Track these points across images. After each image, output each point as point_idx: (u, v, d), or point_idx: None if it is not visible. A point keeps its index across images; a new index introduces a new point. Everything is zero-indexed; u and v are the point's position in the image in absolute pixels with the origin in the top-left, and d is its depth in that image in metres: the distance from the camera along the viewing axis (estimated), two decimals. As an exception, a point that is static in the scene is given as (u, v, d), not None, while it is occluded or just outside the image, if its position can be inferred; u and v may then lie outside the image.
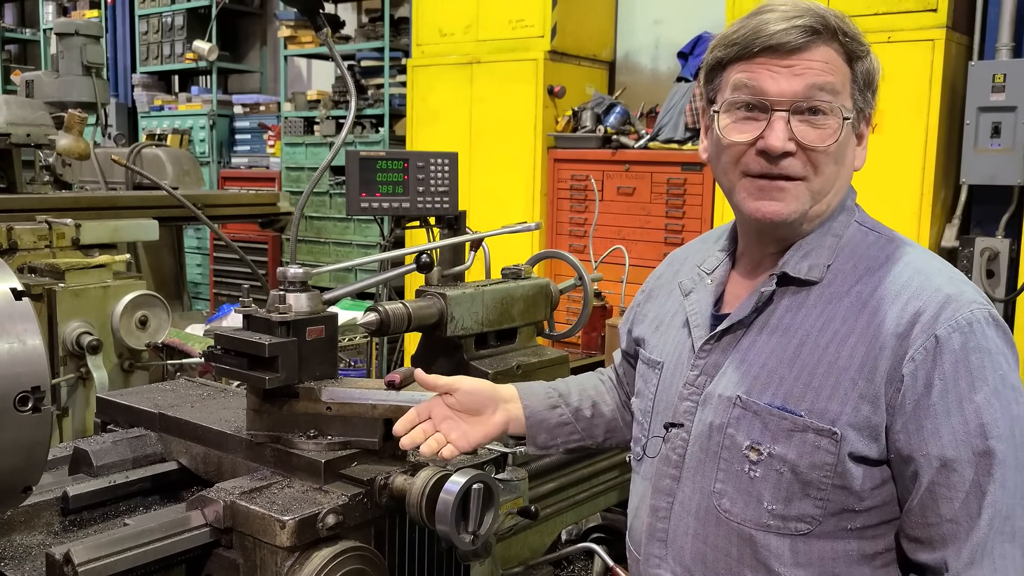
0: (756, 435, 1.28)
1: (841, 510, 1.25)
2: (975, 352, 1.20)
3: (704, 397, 1.36)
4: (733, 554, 1.31)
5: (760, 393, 1.29)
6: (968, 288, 1.27)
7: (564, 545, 2.43)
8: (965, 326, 1.21)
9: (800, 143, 1.27)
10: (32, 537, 1.48)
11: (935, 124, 4.18)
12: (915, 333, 1.21)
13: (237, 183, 7.64)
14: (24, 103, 4.23)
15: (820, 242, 1.34)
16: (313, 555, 1.36)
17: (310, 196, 6.92)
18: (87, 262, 2.91)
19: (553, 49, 5.49)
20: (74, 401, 2.84)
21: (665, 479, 1.40)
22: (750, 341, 1.34)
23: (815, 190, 1.30)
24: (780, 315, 1.32)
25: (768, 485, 1.27)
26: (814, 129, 1.27)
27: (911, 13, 4.24)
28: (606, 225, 5.13)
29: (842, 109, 1.28)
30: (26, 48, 11.11)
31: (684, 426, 1.38)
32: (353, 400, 1.56)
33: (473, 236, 2.49)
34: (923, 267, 1.29)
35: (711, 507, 1.33)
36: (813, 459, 1.24)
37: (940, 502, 1.20)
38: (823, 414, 1.24)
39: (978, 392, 1.19)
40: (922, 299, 1.24)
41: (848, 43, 1.28)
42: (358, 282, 2.14)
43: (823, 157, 1.28)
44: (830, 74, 1.27)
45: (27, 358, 1.34)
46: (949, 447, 1.19)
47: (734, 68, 1.31)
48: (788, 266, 1.33)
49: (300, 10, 2.72)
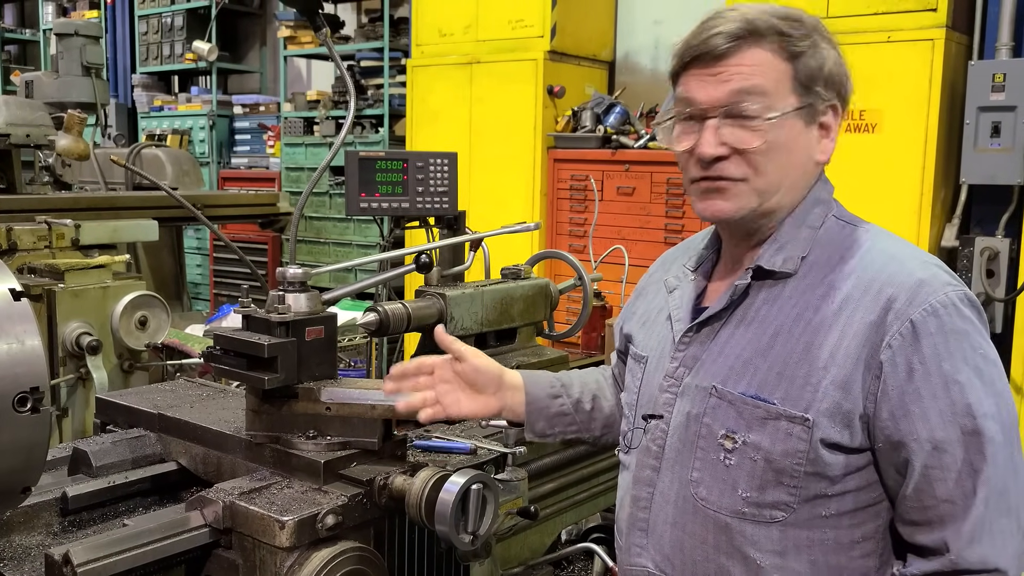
0: (731, 424, 1.32)
1: (814, 496, 1.27)
2: (953, 334, 1.23)
3: (683, 388, 1.40)
4: (710, 542, 1.33)
5: (735, 383, 1.33)
6: (940, 271, 1.29)
7: (564, 545, 2.43)
8: (940, 309, 1.23)
9: (732, 146, 1.31)
10: (31, 538, 1.48)
11: (935, 124, 4.18)
12: (890, 319, 1.24)
13: (237, 183, 7.64)
14: (24, 103, 4.23)
15: (795, 235, 1.36)
16: (312, 555, 1.36)
17: (310, 196, 6.93)
18: (87, 263, 2.91)
19: (553, 49, 5.49)
20: (74, 402, 2.84)
21: (646, 470, 1.43)
22: (728, 333, 1.37)
23: (759, 188, 1.33)
24: (758, 308, 1.36)
25: (743, 473, 1.30)
26: (744, 131, 1.31)
27: (911, 13, 4.24)
28: (606, 225, 5.13)
29: (772, 109, 1.30)
30: (26, 48, 11.12)
31: (664, 417, 1.42)
32: (352, 400, 1.55)
33: (472, 236, 2.49)
34: (896, 253, 1.31)
35: (688, 496, 1.36)
36: (786, 446, 1.27)
37: (935, 484, 1.22)
38: (796, 402, 1.27)
39: (960, 372, 1.22)
40: (895, 285, 1.26)
41: (785, 41, 1.31)
42: (358, 282, 2.14)
43: (758, 157, 1.32)
44: (758, 76, 1.30)
45: (26, 359, 1.34)
46: (939, 428, 1.21)
47: (679, 80, 1.38)
48: (763, 259, 1.36)
49: (299, 10, 2.72)
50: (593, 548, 2.25)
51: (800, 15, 1.34)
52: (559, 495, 2.20)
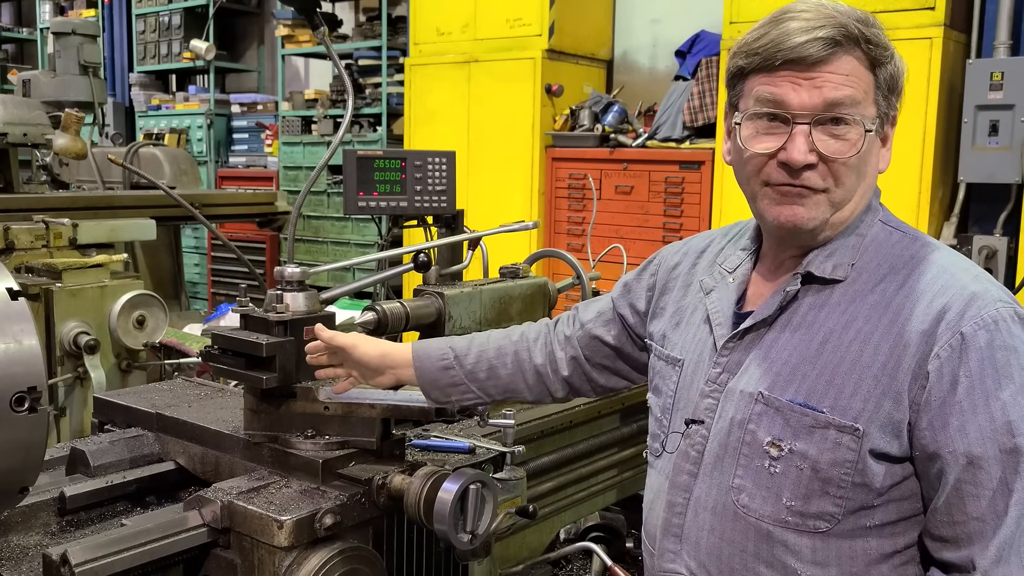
0: (777, 431, 1.29)
1: (859, 507, 1.25)
2: (1001, 350, 1.20)
3: (726, 393, 1.36)
4: (749, 549, 1.31)
5: (783, 389, 1.29)
6: (993, 287, 1.26)
7: (563, 544, 2.43)
8: (991, 323, 1.21)
9: (821, 155, 1.27)
10: (29, 538, 1.48)
11: (933, 122, 4.18)
12: (940, 330, 1.22)
13: (235, 182, 7.63)
14: (21, 103, 4.22)
15: (844, 241, 1.34)
16: (311, 555, 1.36)
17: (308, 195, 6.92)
18: (84, 262, 2.91)
19: (551, 48, 5.49)
20: (72, 401, 2.83)
21: (683, 475, 1.40)
22: (773, 338, 1.34)
23: (836, 201, 1.30)
24: (804, 313, 1.33)
25: (788, 481, 1.27)
26: (836, 141, 1.27)
27: (909, 11, 4.24)
28: (604, 224, 5.13)
29: (863, 120, 1.27)
30: (23, 47, 11.10)
31: (704, 423, 1.38)
32: (351, 400, 1.55)
33: (471, 235, 2.48)
34: (948, 265, 1.29)
35: (729, 503, 1.33)
36: (834, 456, 1.24)
37: (967, 500, 1.20)
38: (845, 411, 1.24)
39: (1004, 389, 1.19)
40: (947, 296, 1.24)
41: (871, 50, 1.28)
42: (356, 281, 2.13)
43: (844, 168, 1.28)
44: (851, 86, 1.27)
45: (23, 358, 1.34)
46: (976, 444, 1.19)
47: (756, 78, 1.31)
48: (813, 265, 1.33)
49: (297, 9, 2.71)
50: (592, 547, 2.25)
51: (875, 20, 1.30)
52: (558, 494, 2.20)
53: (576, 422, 2.23)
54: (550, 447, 2.17)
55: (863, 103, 1.28)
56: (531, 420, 2.09)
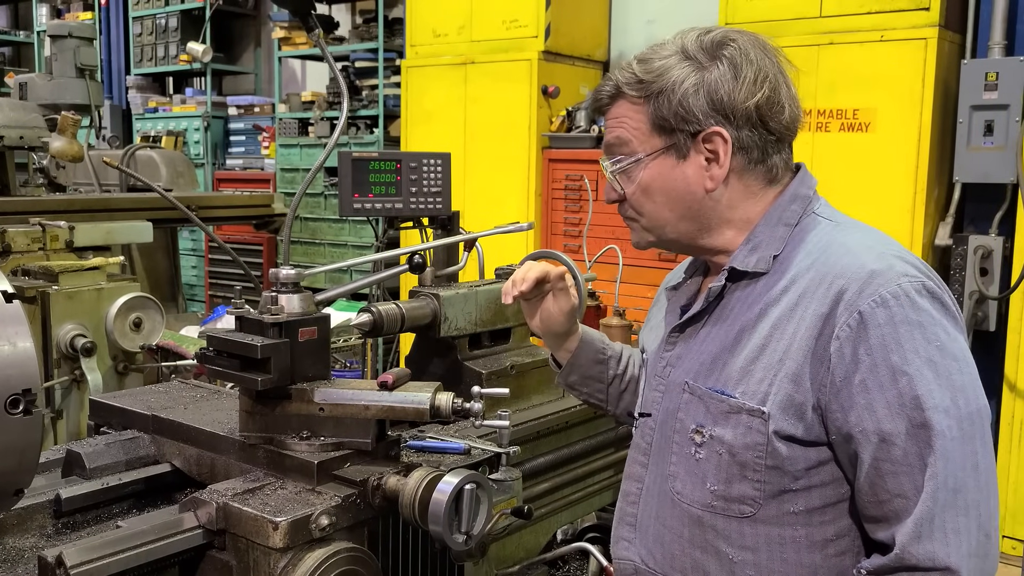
0: (700, 418, 1.35)
1: (779, 491, 1.29)
2: (904, 324, 1.21)
3: (668, 386, 1.44)
4: (685, 535, 1.37)
5: (705, 378, 1.37)
6: (898, 262, 1.27)
7: (559, 545, 2.43)
8: (891, 299, 1.22)
9: (617, 192, 1.44)
10: (24, 540, 1.48)
11: (928, 123, 4.19)
12: (839, 311, 1.24)
13: (231, 185, 7.62)
14: (17, 105, 4.22)
15: (771, 234, 1.38)
16: (306, 556, 1.36)
17: (305, 197, 6.92)
18: (81, 264, 2.91)
19: (547, 49, 5.49)
20: (68, 403, 2.83)
21: (635, 465, 1.49)
22: (705, 332, 1.42)
23: (647, 226, 1.45)
24: (732, 306, 1.39)
25: (711, 467, 1.33)
26: (619, 178, 1.43)
27: (904, 12, 4.25)
28: (600, 225, 5.12)
29: (634, 156, 1.39)
30: (19, 50, 11.09)
31: (652, 415, 1.46)
32: (346, 401, 1.56)
33: (466, 236, 2.49)
34: (853, 246, 1.31)
35: (667, 490, 1.40)
36: (747, 440, 1.29)
37: (886, 477, 1.21)
38: (754, 395, 1.29)
39: (910, 364, 1.20)
40: (846, 277, 1.26)
41: (640, 88, 1.38)
42: (352, 283, 2.14)
43: (634, 200, 1.43)
44: (619, 127, 1.41)
45: (18, 360, 1.34)
46: (885, 420, 1.20)
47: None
48: (736, 260, 1.39)
49: (292, 12, 2.72)
50: (588, 548, 2.25)
51: (658, 52, 1.39)
52: (554, 495, 2.20)
53: (572, 423, 2.24)
54: (546, 448, 2.17)
55: (633, 140, 1.40)
56: (527, 421, 2.10)
